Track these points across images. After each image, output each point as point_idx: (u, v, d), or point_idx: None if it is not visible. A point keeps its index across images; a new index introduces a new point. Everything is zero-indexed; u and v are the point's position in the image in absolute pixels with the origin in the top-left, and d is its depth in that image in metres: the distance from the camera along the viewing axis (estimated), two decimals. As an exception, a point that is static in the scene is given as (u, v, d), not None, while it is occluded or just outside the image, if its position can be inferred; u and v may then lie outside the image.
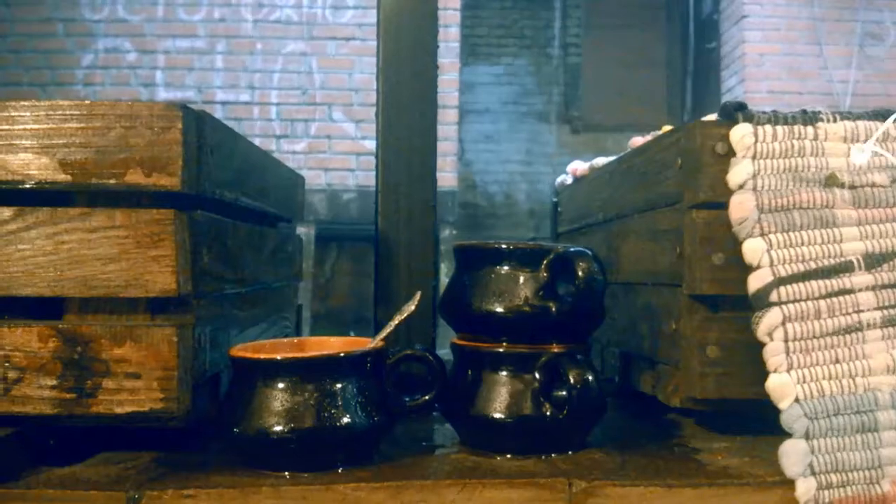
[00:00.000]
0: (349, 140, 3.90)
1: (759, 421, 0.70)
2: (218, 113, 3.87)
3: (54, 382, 0.64)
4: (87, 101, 0.64)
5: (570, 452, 0.72)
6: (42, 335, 0.64)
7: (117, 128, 0.64)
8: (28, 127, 0.64)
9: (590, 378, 0.70)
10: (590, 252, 0.73)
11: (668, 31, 5.49)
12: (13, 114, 0.64)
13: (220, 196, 0.73)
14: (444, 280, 0.81)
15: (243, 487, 0.62)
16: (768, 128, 0.70)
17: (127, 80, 3.89)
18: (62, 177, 0.64)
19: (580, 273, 0.70)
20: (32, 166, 0.64)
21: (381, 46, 0.93)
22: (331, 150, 3.92)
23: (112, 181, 0.64)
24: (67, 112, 0.64)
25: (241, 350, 0.70)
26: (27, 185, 0.64)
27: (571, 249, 0.72)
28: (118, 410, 0.65)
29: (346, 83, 3.90)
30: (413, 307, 0.74)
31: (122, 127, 0.64)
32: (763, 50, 4.18)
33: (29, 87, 3.85)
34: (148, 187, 0.65)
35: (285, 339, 0.82)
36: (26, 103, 0.64)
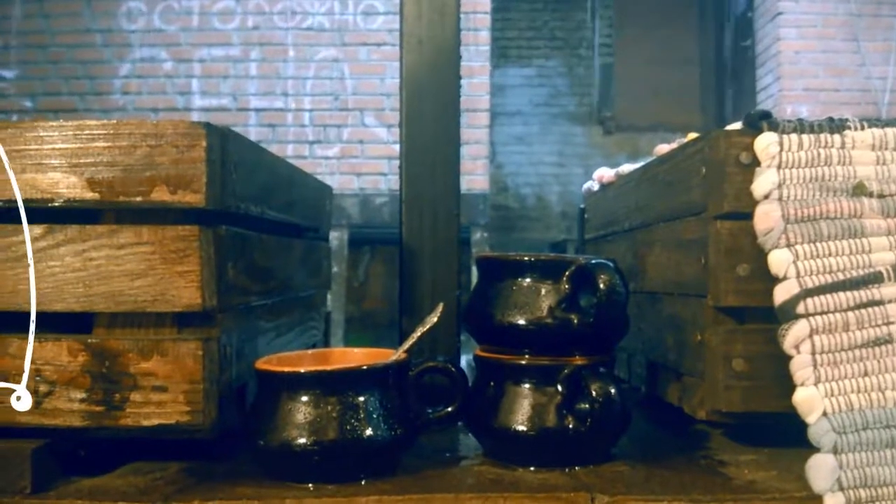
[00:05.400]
0: (381, 144, 3.92)
1: (787, 433, 0.69)
2: (252, 119, 3.92)
3: (83, 395, 0.65)
4: (113, 121, 0.66)
5: (593, 465, 0.71)
6: (72, 349, 0.66)
7: (143, 146, 0.65)
8: (56, 147, 0.66)
9: (612, 391, 0.70)
10: (611, 264, 0.72)
11: (702, 29, 5.43)
12: (42, 134, 0.66)
13: (245, 210, 0.74)
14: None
15: (267, 499, 0.63)
16: (794, 136, 0.69)
17: (163, 89, 3.96)
18: (90, 195, 0.66)
19: (601, 285, 0.69)
20: (61, 185, 0.66)
21: (404, 57, 0.93)
22: (363, 155, 3.94)
23: (138, 198, 0.66)
24: (94, 131, 0.66)
25: (265, 363, 0.71)
26: (56, 204, 0.66)
27: (593, 261, 0.71)
28: (145, 423, 0.66)
29: (378, 88, 3.92)
30: (436, 318, 0.74)
31: (148, 146, 0.65)
32: (799, 47, 4.10)
33: (68, 97, 3.94)
34: (173, 204, 0.66)
35: (310, 351, 0.83)
36: (54, 123, 0.66)
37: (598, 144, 5.39)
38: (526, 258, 0.73)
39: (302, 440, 0.65)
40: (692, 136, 0.85)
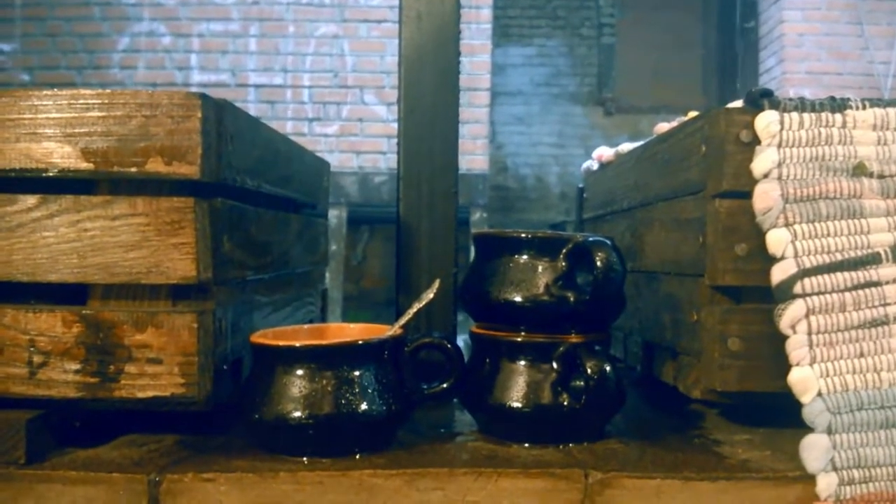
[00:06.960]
0: (381, 123, 3.90)
1: (782, 413, 0.69)
2: (251, 96, 3.90)
3: (78, 367, 0.65)
4: (108, 91, 0.65)
5: (587, 442, 0.71)
6: (66, 320, 0.65)
7: (138, 117, 0.65)
8: (51, 116, 0.65)
9: (607, 368, 0.70)
10: (608, 242, 0.72)
11: (705, 10, 5.38)
12: (36, 103, 0.65)
13: (241, 183, 0.74)
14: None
15: (262, 472, 0.63)
16: (794, 115, 0.69)
17: (162, 64, 3.93)
18: (84, 165, 0.65)
19: (598, 263, 0.69)
20: (55, 155, 0.65)
21: (402, 31, 0.92)
22: (362, 133, 3.92)
23: (133, 169, 0.65)
24: (89, 101, 0.65)
25: (260, 336, 0.71)
26: (50, 174, 0.65)
27: (590, 239, 0.71)
28: (140, 395, 0.66)
29: (378, 66, 3.90)
30: (432, 295, 0.74)
31: (143, 116, 0.65)
32: (802, 30, 4.07)
33: (66, 71, 3.91)
34: (168, 175, 0.65)
35: (306, 326, 0.83)
36: (48, 92, 0.65)
37: (598, 125, 5.37)
38: (523, 235, 0.73)
39: (297, 414, 0.65)
40: (692, 114, 0.84)
